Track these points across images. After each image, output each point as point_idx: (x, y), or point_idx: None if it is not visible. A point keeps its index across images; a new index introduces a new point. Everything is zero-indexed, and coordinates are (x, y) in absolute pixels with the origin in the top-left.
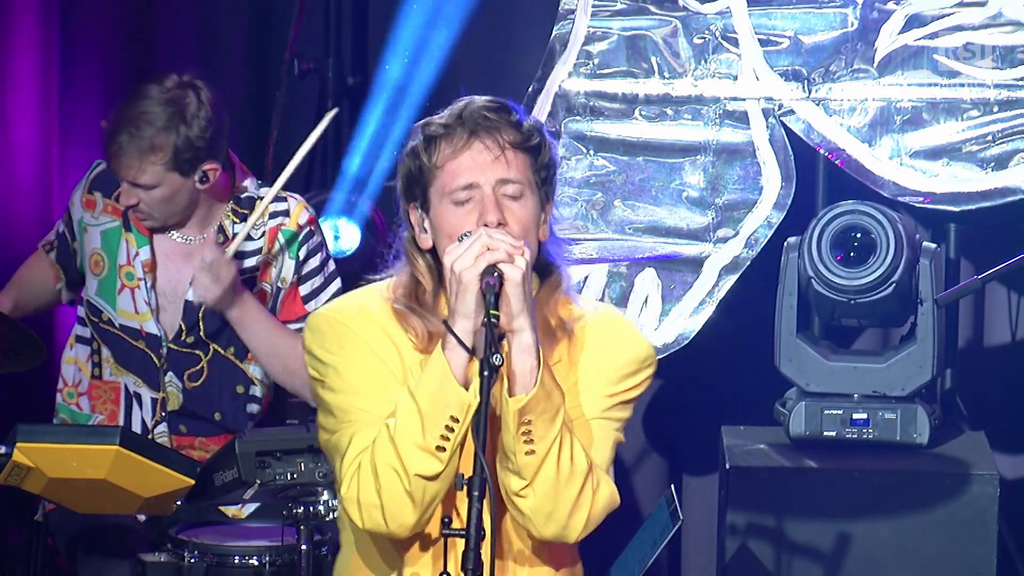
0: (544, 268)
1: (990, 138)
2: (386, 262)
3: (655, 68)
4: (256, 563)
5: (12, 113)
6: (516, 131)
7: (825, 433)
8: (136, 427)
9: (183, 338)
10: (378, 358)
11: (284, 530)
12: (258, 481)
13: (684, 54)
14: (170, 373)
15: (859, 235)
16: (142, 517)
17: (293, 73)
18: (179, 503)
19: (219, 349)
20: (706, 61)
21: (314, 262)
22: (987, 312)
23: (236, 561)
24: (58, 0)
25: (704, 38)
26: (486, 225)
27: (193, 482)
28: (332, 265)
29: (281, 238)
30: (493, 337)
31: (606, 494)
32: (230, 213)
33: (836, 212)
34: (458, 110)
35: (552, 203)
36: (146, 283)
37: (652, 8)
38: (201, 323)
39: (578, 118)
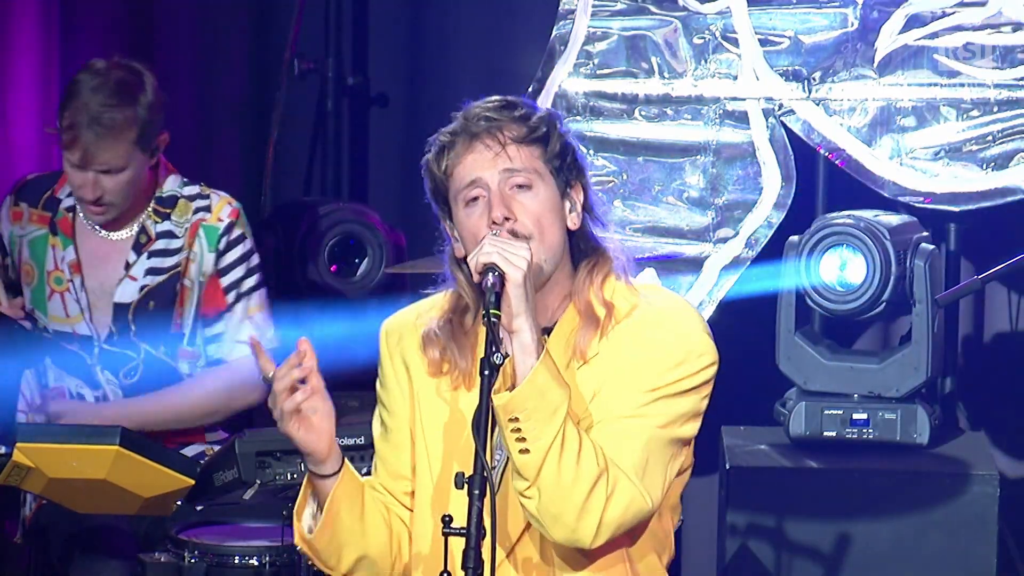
0: (583, 252)
1: (990, 138)
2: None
3: (655, 68)
4: (256, 563)
5: (12, 113)
6: (519, 125)
7: (825, 433)
8: None
9: (115, 338)
10: (393, 377)
11: (284, 530)
12: (258, 481)
13: (684, 54)
14: (106, 371)
15: (848, 257)
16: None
17: (293, 73)
18: (179, 503)
19: (151, 350)
20: (706, 61)
21: (234, 255)
22: (987, 312)
23: (236, 561)
24: (58, 0)
25: (704, 38)
26: (494, 222)
27: (193, 482)
28: (256, 259)
29: (202, 233)
30: (494, 336)
31: (624, 497)
32: (151, 213)
33: (825, 233)
34: (460, 116)
35: (583, 188)
36: (75, 284)
37: (652, 8)
38: (132, 324)
39: (578, 118)
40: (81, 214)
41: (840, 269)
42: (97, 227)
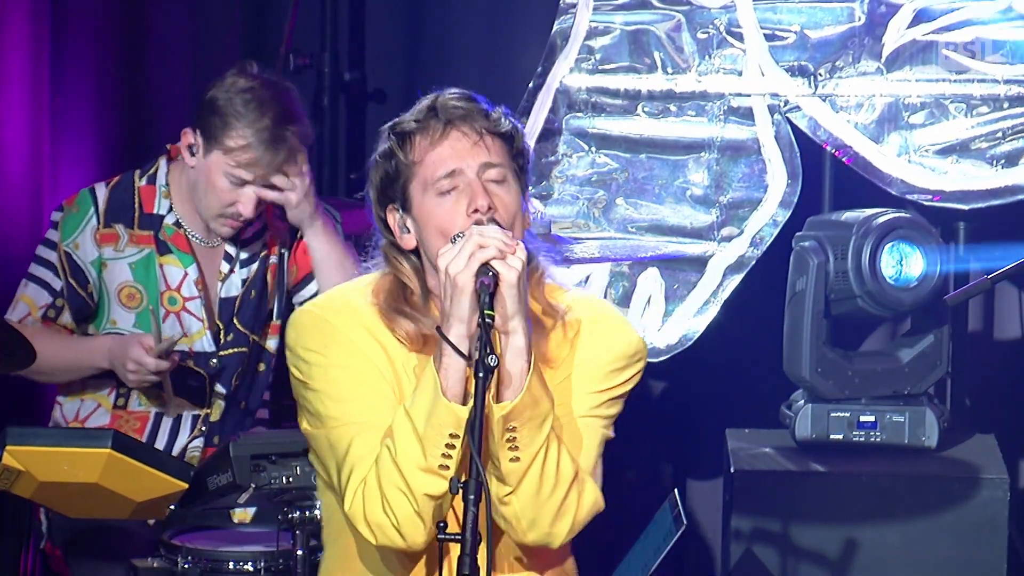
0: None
1: (1000, 135)
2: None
3: (658, 63)
4: (251, 569)
5: (3, 110)
6: (488, 118)
7: (831, 436)
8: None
9: (225, 339)
10: (366, 358)
11: (279, 535)
12: (253, 485)
13: (688, 49)
14: (217, 384)
15: (905, 250)
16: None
17: (288, 69)
18: (172, 507)
19: (256, 338)
20: (710, 56)
21: None
22: (997, 313)
23: (230, 567)
24: None
25: (708, 33)
26: (476, 211)
27: (187, 486)
28: None
29: (277, 210)
30: (487, 338)
31: (591, 499)
32: None
33: (886, 230)
34: (427, 104)
35: (528, 195)
36: (198, 301)
37: (655, 2)
38: (237, 318)
39: (580, 114)
40: (185, 227)
41: (899, 266)
42: (200, 239)
